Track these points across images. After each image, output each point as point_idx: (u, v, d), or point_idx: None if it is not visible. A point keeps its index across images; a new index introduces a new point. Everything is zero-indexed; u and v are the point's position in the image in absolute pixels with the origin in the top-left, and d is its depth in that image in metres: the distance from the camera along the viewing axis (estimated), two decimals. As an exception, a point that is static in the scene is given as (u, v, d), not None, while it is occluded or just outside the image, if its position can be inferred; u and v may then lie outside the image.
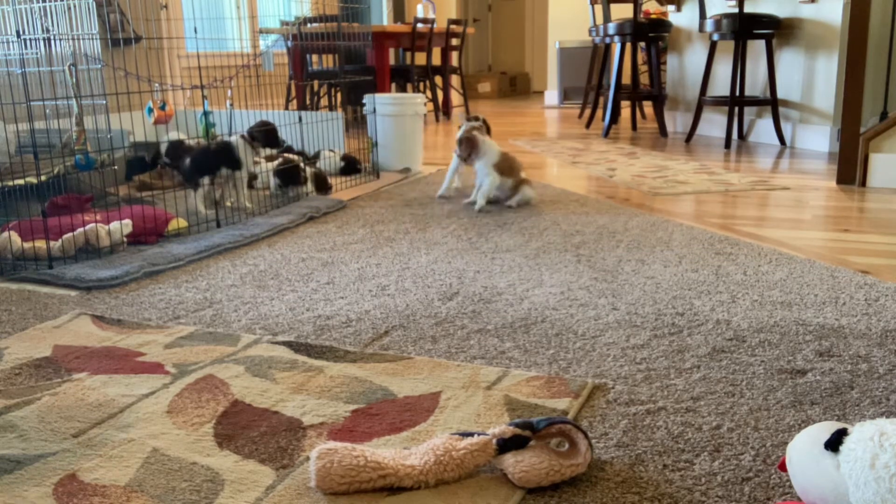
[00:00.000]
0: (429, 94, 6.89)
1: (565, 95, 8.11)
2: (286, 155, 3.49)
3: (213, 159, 2.87)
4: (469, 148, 3.04)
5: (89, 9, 3.06)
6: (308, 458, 1.16)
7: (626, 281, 2.02)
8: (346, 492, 1.07)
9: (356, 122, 6.17)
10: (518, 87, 10.45)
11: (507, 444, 1.11)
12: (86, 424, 1.28)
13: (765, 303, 1.83)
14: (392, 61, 8.12)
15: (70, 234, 2.28)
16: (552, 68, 8.25)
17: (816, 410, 1.29)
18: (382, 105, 3.87)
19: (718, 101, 4.59)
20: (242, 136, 2.88)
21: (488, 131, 3.30)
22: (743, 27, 4.38)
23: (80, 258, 2.27)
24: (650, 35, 5.12)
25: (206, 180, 2.86)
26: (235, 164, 2.88)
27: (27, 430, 1.27)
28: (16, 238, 2.27)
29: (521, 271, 2.13)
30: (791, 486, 1.07)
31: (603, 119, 5.62)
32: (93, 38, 3.00)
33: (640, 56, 6.85)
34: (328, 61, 6.96)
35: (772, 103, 4.47)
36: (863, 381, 1.40)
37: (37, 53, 3.39)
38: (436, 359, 1.54)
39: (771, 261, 2.17)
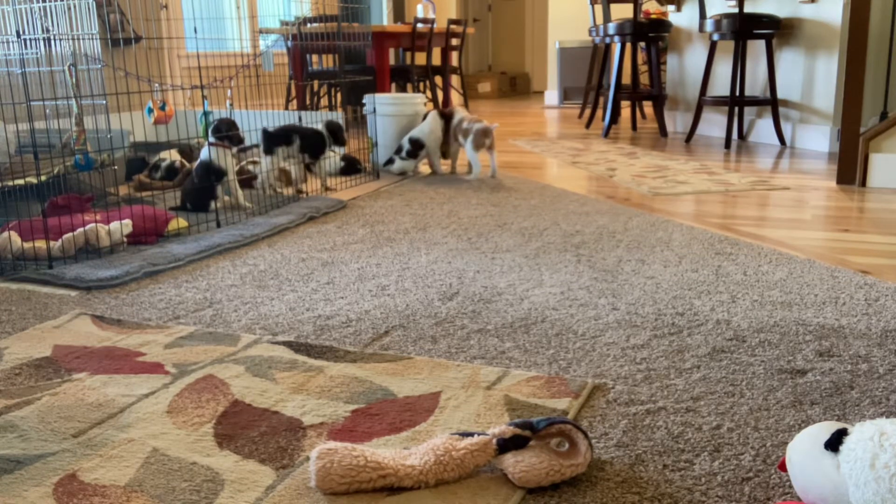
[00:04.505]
0: (429, 94, 6.89)
1: (565, 95, 8.11)
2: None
3: (205, 180, 2.87)
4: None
5: (89, 9, 3.06)
6: (308, 458, 1.16)
7: (626, 281, 2.02)
8: (346, 492, 1.07)
9: (356, 122, 6.17)
10: (518, 87, 10.45)
11: (507, 444, 1.11)
12: (86, 424, 1.28)
13: (765, 303, 1.83)
14: (392, 61, 8.12)
15: (70, 234, 2.28)
16: (552, 68, 8.25)
17: (816, 410, 1.29)
18: (382, 105, 3.87)
19: (718, 101, 4.59)
20: (214, 144, 2.88)
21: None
22: (743, 27, 4.38)
23: (80, 258, 2.27)
24: (650, 35, 5.12)
25: (212, 204, 2.87)
26: (220, 174, 2.89)
27: (27, 430, 1.27)
28: (16, 238, 2.27)
29: (521, 271, 2.13)
30: (791, 486, 1.07)
31: (603, 119, 5.62)
32: (93, 38, 3.00)
33: (640, 56, 6.85)
34: (328, 61, 6.96)
35: (772, 103, 4.47)
36: (863, 381, 1.40)
37: (37, 53, 3.39)
38: (436, 359, 1.54)
39: (771, 261, 2.18)
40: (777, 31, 4.48)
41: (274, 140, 3.21)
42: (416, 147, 3.74)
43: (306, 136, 3.27)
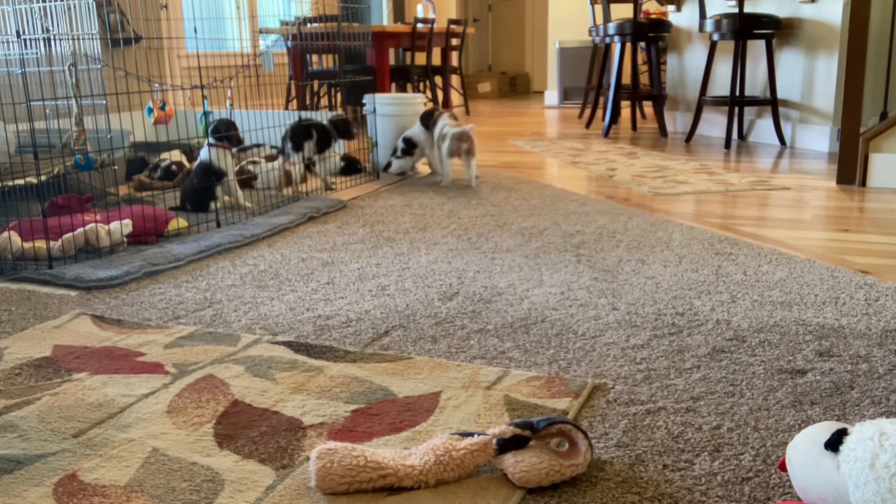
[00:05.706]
0: (429, 94, 6.89)
1: (565, 95, 8.11)
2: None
3: (205, 181, 2.87)
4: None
5: (89, 9, 3.06)
6: (308, 458, 1.16)
7: (626, 281, 2.02)
8: (346, 492, 1.07)
9: (356, 122, 6.17)
10: (518, 87, 10.45)
11: (507, 444, 1.11)
12: (86, 424, 1.28)
13: (765, 303, 1.83)
14: (392, 61, 8.12)
15: (70, 234, 2.28)
16: (552, 68, 8.25)
17: (816, 410, 1.29)
18: (382, 105, 3.87)
19: (718, 101, 4.59)
20: (214, 145, 2.88)
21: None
22: (743, 27, 4.38)
23: (80, 258, 2.27)
24: (650, 35, 5.12)
25: (212, 204, 2.88)
26: (219, 175, 2.89)
27: (27, 430, 1.27)
28: (16, 238, 2.27)
29: (521, 271, 2.13)
30: (791, 486, 1.07)
31: (603, 119, 5.62)
32: (93, 38, 3.00)
33: (640, 56, 6.85)
34: (328, 61, 6.96)
35: (772, 103, 4.47)
36: (863, 381, 1.40)
37: (37, 53, 3.39)
38: (436, 359, 1.54)
39: (771, 261, 2.18)
40: (777, 31, 4.48)
41: (300, 135, 3.31)
42: (411, 146, 3.75)
43: (319, 130, 3.37)
